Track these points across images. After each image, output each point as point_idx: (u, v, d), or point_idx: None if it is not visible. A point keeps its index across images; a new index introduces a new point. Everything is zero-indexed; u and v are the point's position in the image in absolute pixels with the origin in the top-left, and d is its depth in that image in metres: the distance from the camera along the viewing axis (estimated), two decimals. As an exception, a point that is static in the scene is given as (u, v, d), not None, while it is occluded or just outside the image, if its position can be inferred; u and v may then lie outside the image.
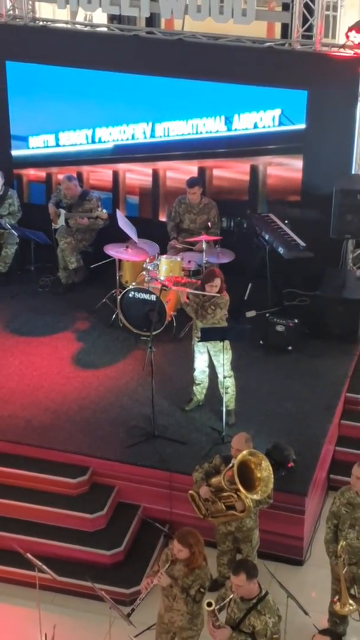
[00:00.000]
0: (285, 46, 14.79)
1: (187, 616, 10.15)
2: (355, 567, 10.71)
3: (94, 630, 11.27)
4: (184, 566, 10.00)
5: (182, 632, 10.33)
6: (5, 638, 11.46)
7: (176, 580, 10.01)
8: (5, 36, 15.59)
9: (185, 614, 10.12)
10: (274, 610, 9.57)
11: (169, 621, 10.31)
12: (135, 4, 14.68)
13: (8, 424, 12.99)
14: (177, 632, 10.40)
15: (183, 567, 10.00)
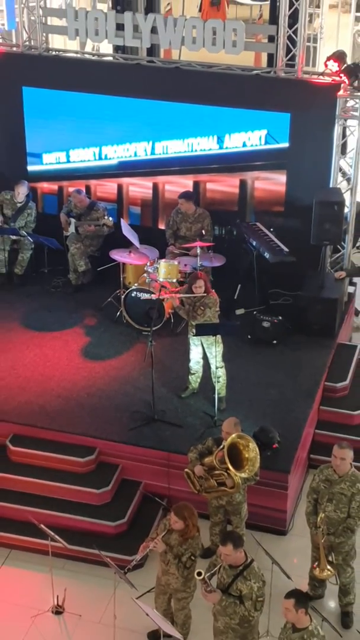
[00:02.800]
0: (270, 74, 14.78)
1: (181, 579, 10.23)
2: (332, 537, 10.73)
3: (100, 593, 11.31)
4: (179, 536, 10.11)
5: (177, 593, 10.44)
6: (22, 599, 11.47)
7: (171, 548, 10.14)
8: (21, 64, 15.58)
9: (179, 577, 10.22)
10: (258, 576, 9.59)
11: (165, 583, 10.42)
12: (137, 36, 14.69)
13: (24, 409, 13.04)
14: (173, 593, 10.51)
15: (178, 536, 10.11)
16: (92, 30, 14.96)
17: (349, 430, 13.22)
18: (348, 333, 15.28)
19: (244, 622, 9.65)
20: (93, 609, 11.26)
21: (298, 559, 11.55)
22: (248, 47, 14.86)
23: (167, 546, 10.17)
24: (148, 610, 10.16)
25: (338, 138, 14.42)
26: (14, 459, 12.68)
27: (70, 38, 15.37)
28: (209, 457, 11.10)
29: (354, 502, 10.58)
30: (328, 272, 14.90)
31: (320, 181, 14.56)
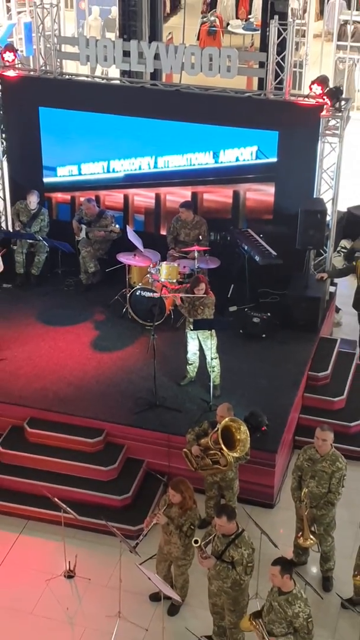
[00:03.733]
0: (261, 96, 14.76)
1: (182, 548, 10.30)
2: (315, 510, 10.77)
3: (107, 559, 11.32)
4: (178, 508, 10.19)
5: (177, 560, 10.51)
6: (38, 565, 11.52)
7: (172, 520, 10.21)
8: (38, 87, 15.56)
9: (180, 546, 10.28)
10: (248, 544, 9.66)
11: (167, 552, 10.49)
12: (142, 62, 14.68)
13: (39, 395, 13.06)
14: (173, 560, 10.57)
15: (177, 509, 10.20)
16: (102, 57, 14.93)
17: (330, 414, 13.21)
18: (329, 328, 15.28)
19: (236, 586, 9.72)
20: (101, 574, 11.30)
21: (284, 530, 11.57)
22: (241, 72, 14.86)
23: (169, 519, 10.26)
24: (150, 575, 10.22)
25: (321, 154, 14.41)
26: (31, 440, 12.70)
27: (82, 63, 15.33)
28: (204, 438, 11.12)
29: (333, 479, 10.63)
30: (312, 273, 14.90)
31: (305, 192, 14.54)
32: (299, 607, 9.03)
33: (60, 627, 10.77)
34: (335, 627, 10.68)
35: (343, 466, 10.68)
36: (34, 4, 15.79)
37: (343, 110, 14.32)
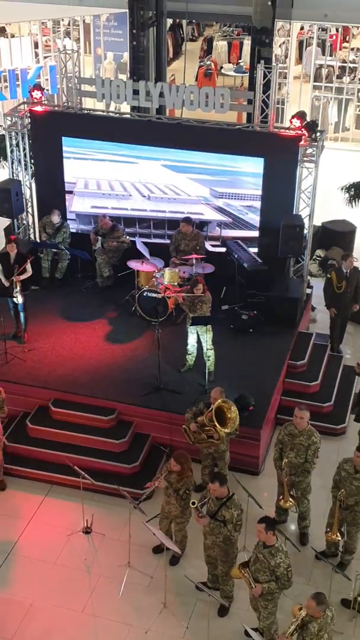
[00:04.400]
0: (249, 128, 14.77)
1: (179, 508, 10.40)
2: (293, 477, 10.81)
3: (119, 518, 11.35)
4: (177, 475, 10.26)
5: (176, 518, 10.59)
6: (60, 522, 11.54)
7: (171, 484, 10.33)
8: (61, 120, 15.54)
9: (178, 507, 10.40)
10: (238, 505, 9.72)
11: (167, 511, 10.58)
12: (149, 99, 14.71)
13: (62, 380, 13.07)
14: (173, 519, 10.63)
15: (176, 476, 10.27)
16: (115, 94, 14.94)
17: (306, 397, 13.20)
18: (306, 324, 15.27)
19: (227, 540, 9.77)
20: (113, 530, 11.32)
21: (267, 493, 11.58)
22: (232, 108, 14.89)
23: (168, 483, 10.33)
24: (155, 531, 10.28)
25: (299, 177, 14.39)
26: (55, 417, 12.70)
27: (98, 100, 15.35)
28: (201, 417, 11.17)
29: (309, 451, 10.67)
30: (291, 277, 14.90)
31: (286, 209, 14.51)
32: (280, 558, 9.07)
33: (79, 574, 10.82)
34: (310, 575, 10.70)
35: (317, 440, 10.73)
36: (57, 50, 15.82)
37: (318, 141, 14.32)
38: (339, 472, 10.43)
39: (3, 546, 11.18)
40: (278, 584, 9.13)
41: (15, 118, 15.76)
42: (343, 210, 16.37)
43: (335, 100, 23.12)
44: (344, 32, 24.25)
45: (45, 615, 10.30)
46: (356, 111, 23.15)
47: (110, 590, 10.57)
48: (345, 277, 14.20)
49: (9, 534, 11.38)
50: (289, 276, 14.89)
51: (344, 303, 14.43)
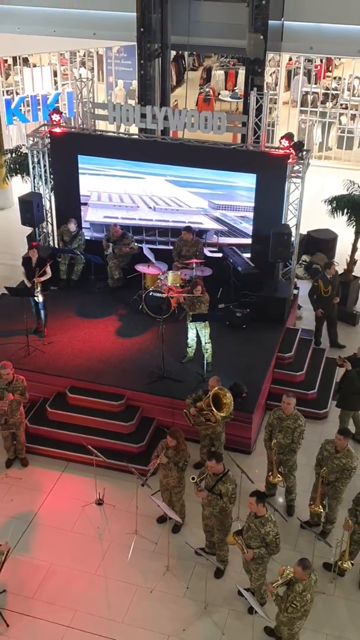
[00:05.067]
0: (243, 147, 14.74)
1: (177, 479, 10.49)
2: (281, 455, 10.84)
3: (128, 491, 11.39)
4: (173, 450, 10.30)
5: (173, 489, 10.66)
6: (76, 495, 11.58)
7: (170, 459, 10.32)
8: (77, 140, 15.53)
9: (176, 477, 10.45)
10: (232, 481, 9.75)
11: (166, 483, 10.63)
12: (155, 122, 14.69)
13: (78, 369, 13.10)
14: (171, 489, 10.67)
15: (173, 450, 10.32)
16: (125, 118, 14.91)
17: (293, 385, 13.20)
18: (293, 320, 15.26)
19: (222, 511, 9.80)
20: (123, 502, 11.35)
21: (258, 470, 11.57)
22: (228, 130, 14.90)
23: (168, 458, 10.35)
24: (159, 503, 10.30)
25: (288, 191, 14.38)
26: (71, 402, 12.72)
27: (110, 122, 15.33)
28: (200, 402, 11.20)
29: (295, 433, 10.68)
30: (280, 280, 14.90)
31: (276, 219, 14.50)
32: (270, 527, 9.09)
33: (92, 541, 10.84)
34: (295, 542, 10.72)
35: (303, 423, 10.74)
36: (74, 78, 15.82)
37: (304, 159, 14.32)
38: (322, 451, 10.44)
39: (25, 516, 11.21)
40: (267, 550, 9.17)
41: (37, 138, 15.77)
42: (326, 221, 16.35)
43: (320, 123, 23.09)
44: (327, 62, 24.22)
45: (62, 576, 10.33)
46: (338, 133, 23.13)
47: (120, 554, 10.60)
48: (330, 282, 14.25)
49: (30, 505, 11.41)
50: (278, 278, 14.88)
51: (330, 304, 14.47)
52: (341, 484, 10.35)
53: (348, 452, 10.25)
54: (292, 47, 17.71)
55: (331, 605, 9.97)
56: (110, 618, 9.78)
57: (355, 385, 12.01)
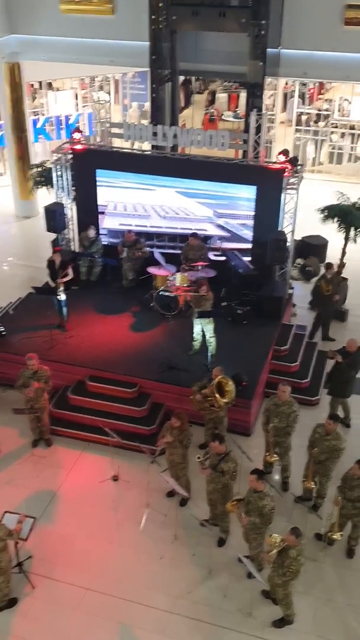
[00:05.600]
0: (244, 162, 14.73)
1: (181, 456, 10.52)
2: (277, 437, 10.84)
3: (140, 468, 11.40)
4: (178, 430, 10.30)
5: (178, 465, 10.67)
6: (94, 472, 11.59)
7: (175, 438, 10.35)
8: (96, 155, 15.55)
9: (180, 454, 10.46)
10: (233, 460, 9.78)
11: (172, 460, 10.64)
12: (165, 139, 14.71)
13: (96, 359, 13.10)
14: (176, 465, 10.67)
15: (177, 430, 10.33)
16: (138, 136, 14.94)
17: (288, 375, 13.19)
18: (288, 317, 15.24)
19: (225, 487, 9.83)
20: (136, 478, 11.36)
21: (257, 451, 11.57)
22: (231, 146, 14.86)
23: (172, 437, 10.37)
24: (168, 479, 10.31)
25: (284, 201, 14.36)
26: (90, 389, 12.74)
27: (125, 140, 15.37)
28: (205, 389, 11.19)
29: (290, 417, 10.69)
30: (277, 280, 14.89)
31: (273, 226, 14.49)
32: (267, 501, 9.11)
33: (108, 512, 10.87)
34: (290, 514, 10.72)
35: (297, 409, 10.75)
36: (93, 101, 15.83)
37: (299, 173, 14.32)
38: (313, 434, 10.45)
39: (49, 490, 11.25)
40: (262, 520, 9.18)
41: (60, 154, 15.77)
42: (318, 228, 16.33)
43: (312, 140, 23.05)
44: (319, 86, 24.16)
45: (81, 544, 10.36)
46: (329, 149, 23.07)
47: (133, 525, 10.61)
48: (331, 281, 14.31)
49: (54, 480, 11.44)
50: (275, 279, 14.86)
51: (329, 302, 14.54)
52: (331, 463, 10.36)
53: (337, 435, 10.26)
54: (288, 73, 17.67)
55: (321, 571, 9.97)
56: (124, 582, 9.81)
57: (345, 375, 12.03)
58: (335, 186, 18.38)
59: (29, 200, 20.54)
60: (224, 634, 9.21)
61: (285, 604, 9.15)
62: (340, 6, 16.03)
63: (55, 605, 9.55)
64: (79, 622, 9.34)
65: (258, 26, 15.24)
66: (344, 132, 22.90)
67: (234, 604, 9.54)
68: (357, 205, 15.71)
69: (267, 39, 15.43)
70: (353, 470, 9.65)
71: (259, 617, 9.38)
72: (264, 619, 9.35)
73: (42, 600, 9.61)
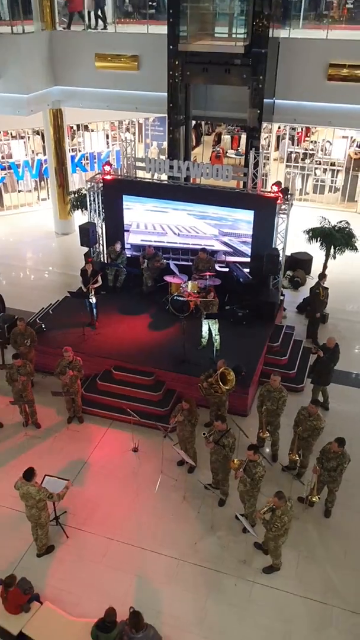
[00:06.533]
0: (244, 191, 14.63)
1: (190, 432, 10.45)
2: (269, 418, 10.80)
3: (156, 442, 11.38)
4: (187, 411, 10.26)
5: (187, 440, 10.59)
6: (117, 445, 11.59)
7: (184, 417, 10.26)
8: (122, 184, 15.51)
9: (189, 431, 10.41)
10: (233, 436, 9.77)
11: (182, 435, 10.57)
12: (179, 172, 14.68)
13: (120, 352, 13.06)
14: (185, 440, 10.61)
15: (187, 412, 10.27)
16: (157, 168, 14.94)
17: (279, 367, 13.15)
18: (280, 319, 15.17)
19: (225, 458, 9.80)
20: (152, 449, 11.35)
21: (252, 429, 11.55)
22: (234, 178, 14.79)
23: (182, 417, 10.32)
24: (178, 450, 10.31)
25: (277, 224, 14.30)
26: (115, 377, 12.71)
27: (147, 172, 15.36)
28: (210, 378, 11.15)
29: (280, 401, 10.66)
30: (271, 289, 14.83)
31: (268, 244, 14.42)
32: (259, 469, 9.11)
33: (129, 477, 10.88)
34: (278, 480, 10.67)
35: (285, 394, 10.71)
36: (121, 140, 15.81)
37: (289, 200, 14.24)
38: (298, 415, 10.42)
39: (80, 460, 11.27)
40: (251, 484, 9.18)
41: (93, 183, 15.78)
42: (304, 246, 16.31)
43: (300, 174, 22.98)
44: (306, 130, 24.06)
45: (107, 502, 10.38)
46: (313, 182, 22.99)
47: (149, 488, 10.62)
48: (325, 289, 14.34)
49: (84, 452, 11.46)
50: (269, 287, 14.81)
51: (323, 306, 14.56)
52: (312, 439, 10.33)
53: (318, 417, 10.23)
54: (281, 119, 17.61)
55: (303, 528, 9.95)
56: (142, 534, 9.82)
57: (325, 367, 11.98)
58: (319, 212, 18.32)
59: (66, 220, 20.58)
60: (223, 577, 9.21)
61: (275, 554, 9.13)
62: (324, 64, 16.00)
63: (85, 552, 9.58)
64: (104, 566, 9.36)
65: (256, 81, 15.21)
66: (326, 168, 22.85)
67: (232, 553, 9.54)
68: (336, 228, 15.67)
69: (263, 91, 15.38)
70: (331, 446, 9.62)
71: (252, 565, 9.38)
72: (256, 566, 9.34)
73: (75, 548, 9.64)
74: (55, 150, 19.75)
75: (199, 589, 9.04)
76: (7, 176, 22.09)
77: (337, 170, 22.76)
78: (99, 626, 7.74)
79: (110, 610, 7.73)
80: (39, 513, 9.17)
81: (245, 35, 15.02)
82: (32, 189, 22.68)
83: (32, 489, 8.96)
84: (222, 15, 15.93)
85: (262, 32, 14.69)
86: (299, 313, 15.78)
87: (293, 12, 17.85)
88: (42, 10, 17.88)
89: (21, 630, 8.24)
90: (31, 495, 8.98)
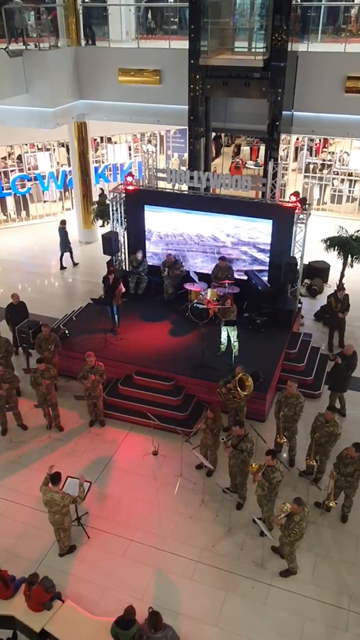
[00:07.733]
0: (263, 201, 14.63)
1: (212, 440, 10.42)
2: (286, 424, 10.73)
3: (176, 446, 11.36)
4: (212, 420, 10.22)
5: (210, 447, 10.60)
6: (138, 448, 11.59)
7: (208, 426, 10.22)
8: (144, 194, 15.59)
9: (211, 439, 10.37)
10: (251, 441, 9.74)
11: (205, 443, 10.53)
12: (200, 182, 14.71)
13: (141, 358, 13.07)
14: (208, 447, 10.57)
15: (211, 420, 10.21)
16: (178, 179, 14.97)
17: (296, 373, 13.07)
18: (297, 327, 15.10)
19: (243, 462, 9.78)
20: (172, 453, 11.35)
21: (269, 434, 11.49)
22: (253, 189, 14.77)
23: (206, 425, 10.29)
24: (197, 454, 10.29)
25: (295, 233, 14.25)
26: (136, 382, 12.73)
27: (168, 182, 15.40)
28: (229, 384, 11.13)
29: (297, 407, 10.60)
30: (289, 297, 14.77)
31: (286, 252, 14.37)
32: (276, 474, 9.06)
33: (149, 480, 10.88)
34: (295, 486, 10.62)
35: (302, 400, 10.65)
36: (143, 152, 15.90)
37: (307, 210, 14.18)
38: (315, 421, 10.35)
39: (103, 460, 11.31)
40: (269, 489, 9.12)
41: (116, 193, 15.89)
42: (322, 254, 16.24)
43: (318, 185, 22.90)
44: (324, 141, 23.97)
45: (127, 504, 10.40)
46: (331, 192, 22.89)
47: (169, 491, 10.62)
48: (340, 301, 14.21)
49: (107, 453, 11.51)
50: (287, 295, 14.75)
51: (337, 317, 14.39)
52: (329, 445, 10.25)
53: (335, 423, 10.16)
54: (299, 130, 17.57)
55: (320, 533, 9.86)
56: (161, 535, 9.82)
57: (342, 374, 11.89)
58: (336, 221, 18.22)
59: (90, 229, 20.73)
60: (241, 580, 9.17)
61: (290, 558, 9.06)
62: (342, 77, 15.96)
63: (105, 552, 9.60)
64: (124, 566, 9.37)
65: (275, 93, 15.20)
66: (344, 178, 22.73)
67: (249, 556, 9.49)
68: (354, 237, 15.57)
69: (282, 103, 15.36)
70: (347, 452, 9.54)
71: (269, 567, 9.32)
72: (273, 570, 9.28)
73: (96, 548, 9.67)
74: (80, 162, 19.94)
75: (217, 591, 9.01)
76: (33, 187, 22.35)
77: (355, 181, 22.64)
78: (118, 623, 7.75)
79: (130, 608, 7.74)
80: (62, 518, 9.21)
81: (265, 50, 15.05)
82: (57, 199, 22.91)
83: (57, 496, 8.98)
84: (242, 30, 15.99)
85: (281, 46, 14.70)
86: (316, 321, 15.68)
87: (311, 27, 17.86)
88: (67, 27, 18.12)
89: (43, 627, 8.27)
90: (56, 502, 9.02)
